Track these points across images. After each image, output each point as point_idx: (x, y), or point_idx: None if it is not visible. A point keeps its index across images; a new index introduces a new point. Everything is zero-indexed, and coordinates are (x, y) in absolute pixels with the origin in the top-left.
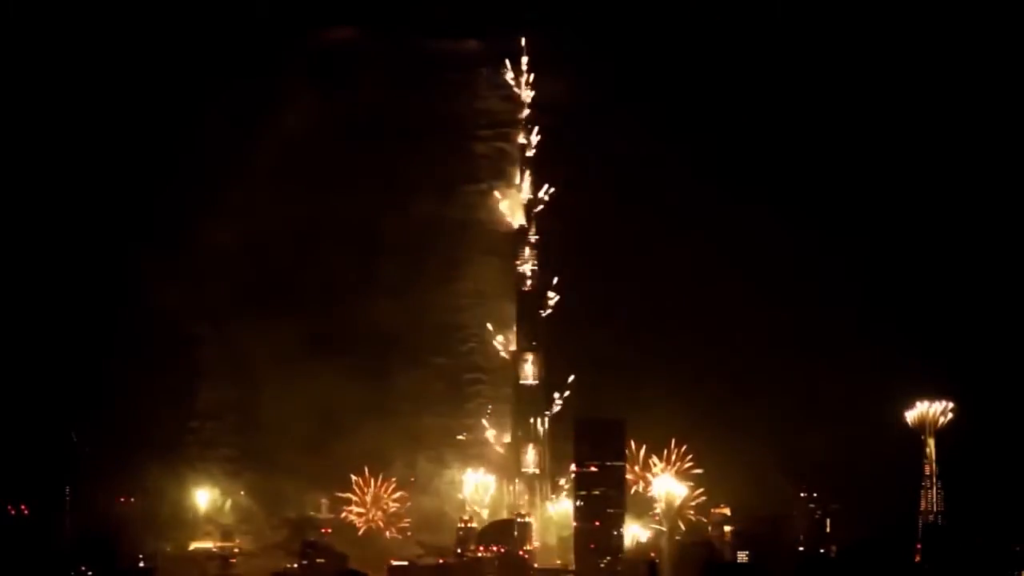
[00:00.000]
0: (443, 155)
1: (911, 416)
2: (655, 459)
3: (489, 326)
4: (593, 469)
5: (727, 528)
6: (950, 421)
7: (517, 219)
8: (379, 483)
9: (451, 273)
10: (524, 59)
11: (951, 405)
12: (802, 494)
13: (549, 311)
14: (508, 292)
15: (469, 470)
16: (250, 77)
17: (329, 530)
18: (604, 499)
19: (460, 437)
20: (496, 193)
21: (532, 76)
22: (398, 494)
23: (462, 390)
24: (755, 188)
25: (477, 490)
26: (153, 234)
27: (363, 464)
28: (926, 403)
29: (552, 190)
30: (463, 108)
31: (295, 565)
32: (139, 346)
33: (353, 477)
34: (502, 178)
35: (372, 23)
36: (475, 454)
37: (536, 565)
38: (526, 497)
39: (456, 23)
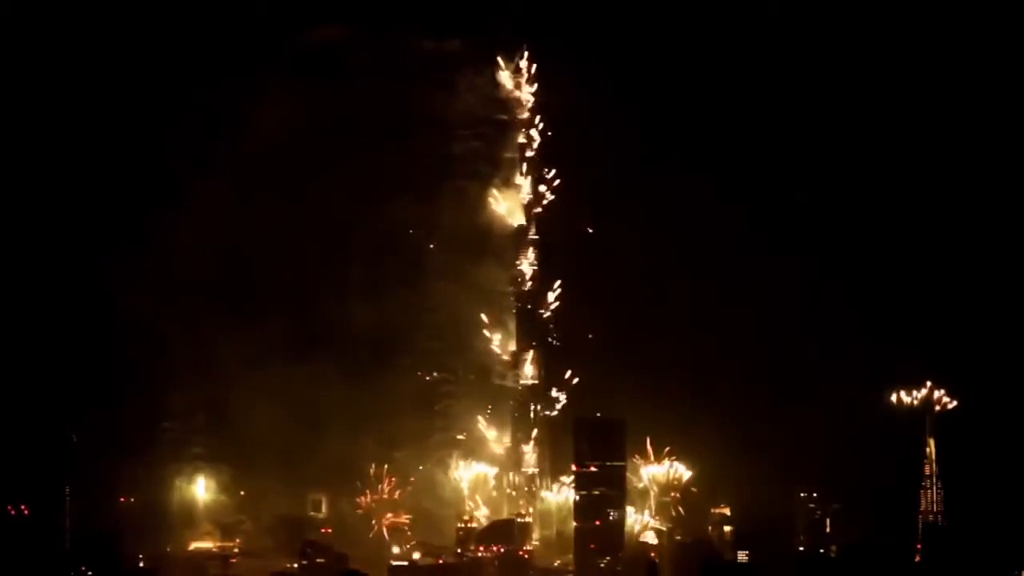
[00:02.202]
0: (431, 155)
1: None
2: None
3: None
4: (593, 469)
5: (727, 528)
6: (948, 410)
7: (516, 219)
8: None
9: (442, 273)
10: (524, 58)
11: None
12: (802, 494)
13: (549, 313)
14: (502, 291)
15: (465, 467)
16: (228, 75)
17: (329, 530)
18: (604, 499)
19: (459, 437)
20: (493, 192)
21: (532, 75)
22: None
23: (457, 390)
24: (753, 187)
25: (476, 490)
26: (146, 233)
27: (358, 465)
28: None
29: (552, 187)
30: (454, 107)
31: (295, 565)
32: (133, 346)
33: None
34: (498, 178)
35: (360, 22)
36: (473, 454)
37: (536, 565)
38: (526, 497)
39: (453, 22)
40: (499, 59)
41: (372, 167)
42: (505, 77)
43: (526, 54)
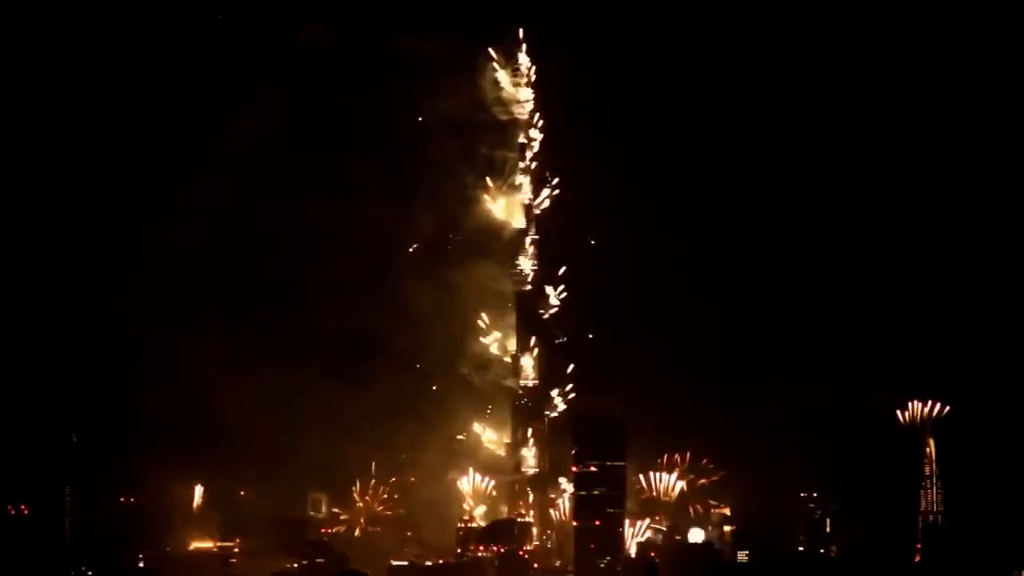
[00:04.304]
0: (422, 154)
1: (905, 416)
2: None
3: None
4: (593, 469)
5: (727, 528)
6: (946, 418)
7: (516, 219)
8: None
9: (439, 273)
10: (524, 56)
11: (945, 408)
12: (802, 494)
13: (549, 313)
14: (502, 291)
15: (465, 467)
16: (212, 75)
17: (329, 530)
18: (604, 499)
19: (459, 437)
20: (487, 194)
21: (531, 74)
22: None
23: (459, 391)
24: (756, 185)
25: (476, 490)
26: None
27: (364, 464)
28: (918, 403)
29: (554, 192)
30: (450, 106)
31: (295, 565)
32: (132, 347)
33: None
34: (496, 177)
35: (356, 20)
36: (473, 454)
37: (536, 565)
38: (526, 497)
39: (452, 20)
40: (499, 58)
41: (363, 167)
42: (505, 76)
43: (525, 50)
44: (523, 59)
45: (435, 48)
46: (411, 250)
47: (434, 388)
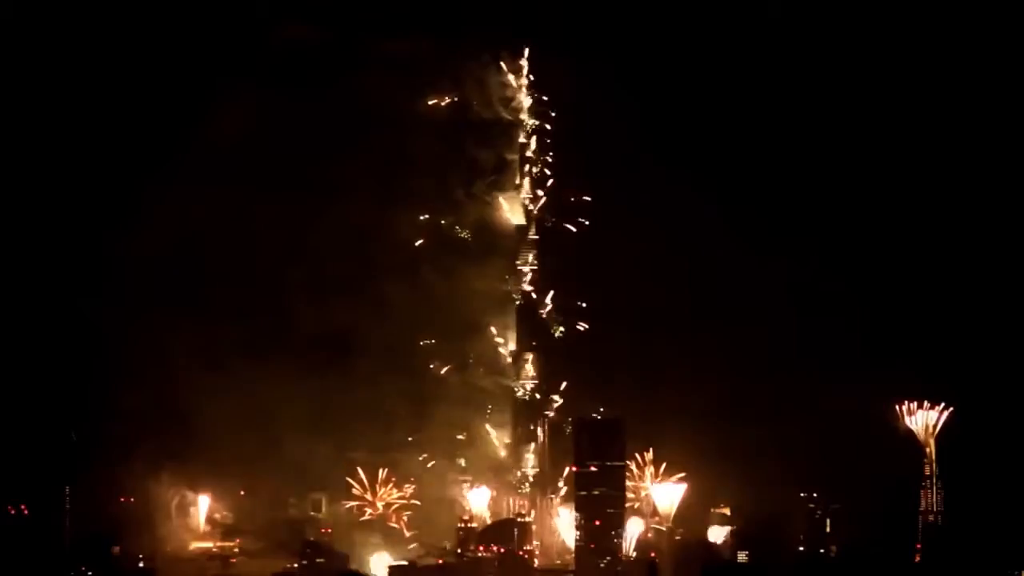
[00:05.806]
0: (412, 155)
1: (910, 424)
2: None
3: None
4: (593, 469)
5: (727, 528)
6: (946, 419)
7: (516, 219)
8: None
9: (440, 273)
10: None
11: (948, 409)
12: (802, 494)
13: (549, 313)
14: (496, 292)
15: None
16: (193, 73)
17: (329, 530)
18: (604, 499)
19: (459, 437)
20: (482, 193)
21: (528, 75)
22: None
23: (459, 392)
24: (756, 188)
25: (475, 491)
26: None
27: (357, 465)
28: (922, 412)
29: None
30: (447, 107)
31: (295, 565)
32: (131, 348)
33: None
34: (496, 178)
35: (341, 20)
36: (473, 454)
37: (536, 565)
38: (526, 497)
39: (453, 21)
40: (499, 58)
41: (351, 166)
42: (505, 77)
43: (526, 53)
44: (520, 59)
45: (427, 48)
46: (416, 245)
47: (434, 388)
